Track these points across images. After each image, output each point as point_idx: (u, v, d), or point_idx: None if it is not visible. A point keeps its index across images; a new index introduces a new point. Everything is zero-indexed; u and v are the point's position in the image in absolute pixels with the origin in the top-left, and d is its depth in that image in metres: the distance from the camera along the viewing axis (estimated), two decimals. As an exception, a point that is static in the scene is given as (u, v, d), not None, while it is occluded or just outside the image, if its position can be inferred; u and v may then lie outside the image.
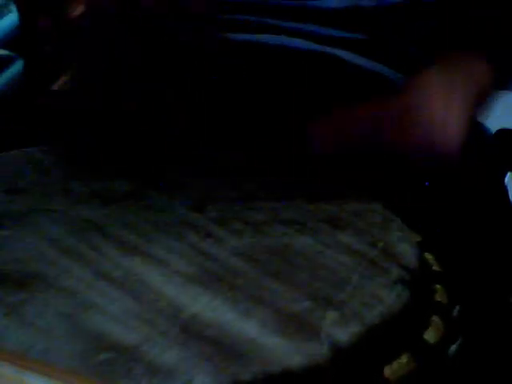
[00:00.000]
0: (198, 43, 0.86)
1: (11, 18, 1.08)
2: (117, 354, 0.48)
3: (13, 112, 0.89)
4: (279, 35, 0.84)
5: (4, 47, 1.05)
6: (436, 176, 0.78)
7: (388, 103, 0.75)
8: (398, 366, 0.53)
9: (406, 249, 0.63)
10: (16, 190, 0.69)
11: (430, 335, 0.57)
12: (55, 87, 0.96)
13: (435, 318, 0.58)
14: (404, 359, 0.54)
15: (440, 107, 0.73)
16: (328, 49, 0.84)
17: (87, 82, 0.95)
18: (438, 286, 0.62)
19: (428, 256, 0.65)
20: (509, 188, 0.83)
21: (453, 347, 0.58)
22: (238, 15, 0.86)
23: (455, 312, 0.61)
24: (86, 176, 0.71)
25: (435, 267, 0.64)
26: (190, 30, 0.83)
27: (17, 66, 1.02)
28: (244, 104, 0.85)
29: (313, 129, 0.74)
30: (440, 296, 0.61)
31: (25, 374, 0.42)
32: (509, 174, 0.86)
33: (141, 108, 0.86)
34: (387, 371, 0.53)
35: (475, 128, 0.80)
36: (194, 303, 0.54)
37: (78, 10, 0.69)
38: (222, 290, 0.55)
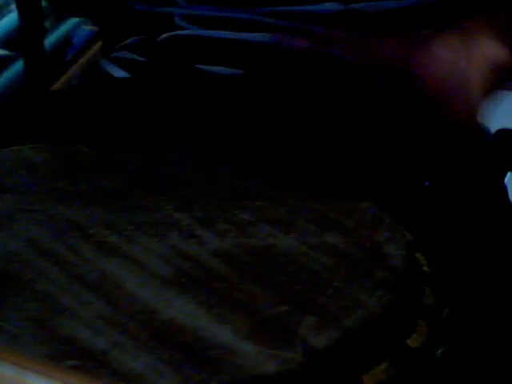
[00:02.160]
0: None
1: (11, 17, 1.07)
2: (83, 360, 0.48)
3: (13, 111, 0.88)
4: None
5: (4, 47, 1.05)
6: (436, 176, 0.76)
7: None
8: (377, 372, 0.52)
9: (393, 249, 0.61)
10: (1, 189, 0.68)
11: (413, 339, 0.56)
12: (55, 87, 0.96)
13: (420, 322, 0.57)
14: (383, 365, 0.53)
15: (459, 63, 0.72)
16: (327, 48, 0.82)
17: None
18: (426, 289, 0.60)
19: (419, 256, 0.63)
20: (509, 188, 0.82)
21: (438, 352, 0.57)
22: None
23: (443, 315, 0.59)
24: (72, 175, 0.71)
25: (425, 268, 0.63)
26: None
27: (17, 66, 1.01)
28: (242, 103, 0.84)
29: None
30: (428, 299, 0.59)
31: (25, 374, 0.42)
32: (509, 173, 0.84)
33: (138, 106, 0.85)
34: (365, 377, 0.52)
35: (475, 128, 0.78)
36: (168, 308, 0.53)
37: None
38: (198, 294, 0.54)
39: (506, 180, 0.85)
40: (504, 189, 0.84)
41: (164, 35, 0.89)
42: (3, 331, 0.50)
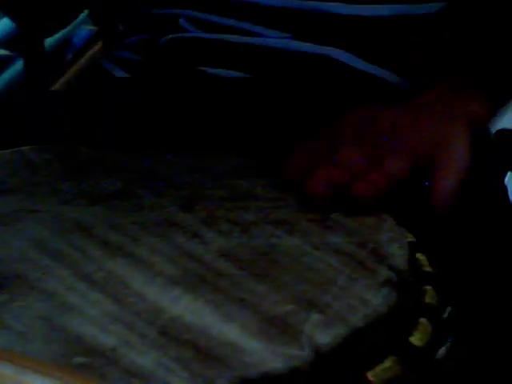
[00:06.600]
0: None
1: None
2: (92, 357, 0.48)
3: (13, 111, 0.89)
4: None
5: (4, 47, 1.05)
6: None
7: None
8: (382, 369, 0.53)
9: (396, 249, 0.62)
10: (5, 190, 0.69)
11: (416, 338, 0.56)
12: (55, 87, 0.96)
13: (423, 321, 0.57)
14: (388, 363, 0.53)
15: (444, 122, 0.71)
16: (328, 51, 0.83)
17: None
18: (428, 288, 0.61)
19: (420, 257, 0.64)
20: (509, 188, 0.82)
21: (441, 350, 0.57)
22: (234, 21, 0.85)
23: (446, 314, 0.60)
24: (75, 175, 0.71)
25: (427, 268, 0.63)
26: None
27: (17, 66, 1.02)
28: (243, 105, 0.84)
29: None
30: (430, 298, 0.60)
31: (25, 374, 0.42)
32: (509, 173, 0.84)
33: (136, 107, 0.86)
34: (371, 375, 0.52)
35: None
36: (175, 306, 0.53)
37: None
38: (204, 292, 0.55)
39: (506, 180, 0.85)
40: (504, 189, 0.84)
41: (168, 36, 0.90)
42: (11, 329, 0.50)
